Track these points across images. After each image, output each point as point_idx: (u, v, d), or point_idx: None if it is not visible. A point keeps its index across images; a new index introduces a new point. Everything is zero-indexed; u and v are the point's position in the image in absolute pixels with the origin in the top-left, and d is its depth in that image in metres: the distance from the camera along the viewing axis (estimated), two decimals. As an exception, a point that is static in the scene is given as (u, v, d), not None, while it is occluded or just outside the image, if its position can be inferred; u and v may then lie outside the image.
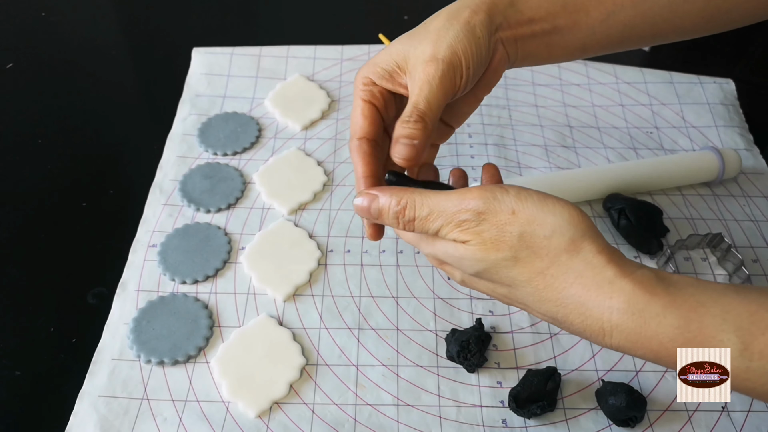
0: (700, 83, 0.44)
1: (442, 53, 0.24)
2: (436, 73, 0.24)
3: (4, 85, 0.44)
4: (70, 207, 0.37)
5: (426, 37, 0.25)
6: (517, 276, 0.21)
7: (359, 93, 0.26)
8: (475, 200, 0.22)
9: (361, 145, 0.26)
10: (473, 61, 0.25)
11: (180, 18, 0.51)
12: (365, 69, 0.26)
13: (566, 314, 0.21)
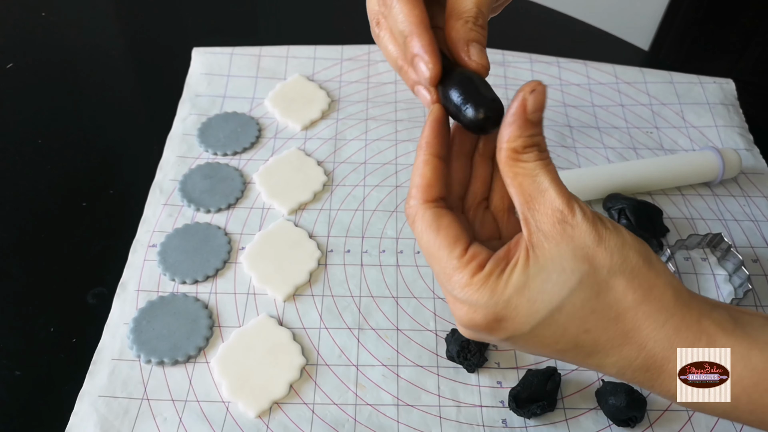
0: (700, 83, 0.44)
1: None
2: None
3: (4, 85, 0.44)
4: (69, 207, 0.37)
5: None
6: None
7: None
8: None
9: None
10: None
11: (180, 18, 0.51)
12: None
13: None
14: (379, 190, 0.37)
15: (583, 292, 0.16)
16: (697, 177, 0.38)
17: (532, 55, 0.46)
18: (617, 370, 0.17)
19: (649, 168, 0.37)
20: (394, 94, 0.43)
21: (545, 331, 0.17)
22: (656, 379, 0.17)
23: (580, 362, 0.18)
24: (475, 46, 0.20)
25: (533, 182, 0.17)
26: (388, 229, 0.35)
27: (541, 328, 0.17)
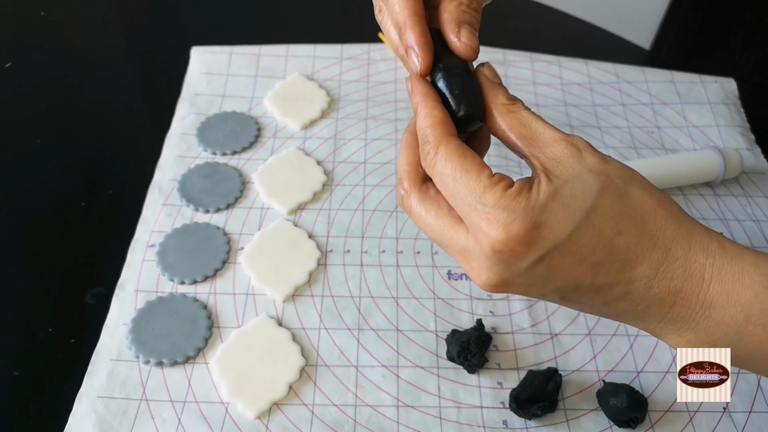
0: (701, 82, 0.44)
1: None
2: None
3: (3, 84, 0.44)
4: (68, 207, 0.36)
5: None
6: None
7: None
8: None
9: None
10: None
11: (179, 17, 0.51)
12: None
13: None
14: (379, 189, 0.37)
15: (608, 196, 0.17)
16: (698, 177, 0.37)
17: (533, 54, 0.45)
18: (645, 284, 0.17)
19: (651, 167, 0.37)
20: (393, 93, 0.43)
21: (583, 236, 0.17)
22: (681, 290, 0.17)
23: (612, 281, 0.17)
24: (465, 28, 0.20)
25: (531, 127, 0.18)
26: (388, 229, 0.35)
27: (579, 232, 0.17)
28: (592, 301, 0.18)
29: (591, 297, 0.18)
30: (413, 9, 0.20)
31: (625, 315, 0.19)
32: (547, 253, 0.17)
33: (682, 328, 0.18)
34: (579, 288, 0.18)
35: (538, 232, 0.17)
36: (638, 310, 0.18)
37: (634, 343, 0.31)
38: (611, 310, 0.19)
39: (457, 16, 0.20)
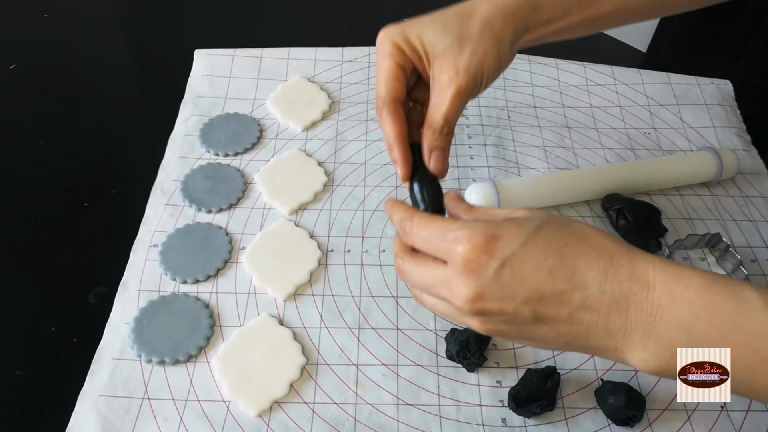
0: (697, 84, 0.45)
1: (473, 67, 0.26)
2: (465, 87, 0.26)
3: (7, 85, 0.44)
4: (71, 207, 0.37)
5: (458, 41, 0.26)
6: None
7: (391, 56, 0.27)
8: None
9: (396, 107, 0.27)
10: (495, 74, 0.28)
11: (182, 20, 0.51)
12: (395, 33, 0.27)
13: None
14: (380, 190, 0.38)
15: (553, 221, 0.22)
16: (695, 177, 0.38)
17: (530, 56, 0.46)
18: (599, 287, 0.20)
19: (647, 169, 0.37)
20: (394, 96, 0.43)
21: (534, 246, 0.21)
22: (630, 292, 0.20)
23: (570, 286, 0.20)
24: (435, 153, 0.26)
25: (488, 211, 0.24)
26: (388, 229, 0.36)
27: (530, 242, 0.21)
28: (559, 314, 0.20)
29: (557, 308, 0.20)
30: (398, 132, 0.26)
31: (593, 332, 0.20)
32: (506, 260, 0.20)
33: (643, 337, 0.20)
34: (543, 297, 0.20)
35: (496, 242, 0.21)
36: (601, 321, 0.20)
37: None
38: (579, 329, 0.20)
39: (431, 143, 0.26)
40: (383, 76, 0.27)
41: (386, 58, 0.27)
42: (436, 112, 0.27)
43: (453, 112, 0.26)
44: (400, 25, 0.27)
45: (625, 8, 0.29)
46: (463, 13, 0.27)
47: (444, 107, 0.26)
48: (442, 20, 0.27)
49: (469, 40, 0.26)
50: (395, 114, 0.27)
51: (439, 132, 0.26)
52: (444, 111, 0.26)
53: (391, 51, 0.27)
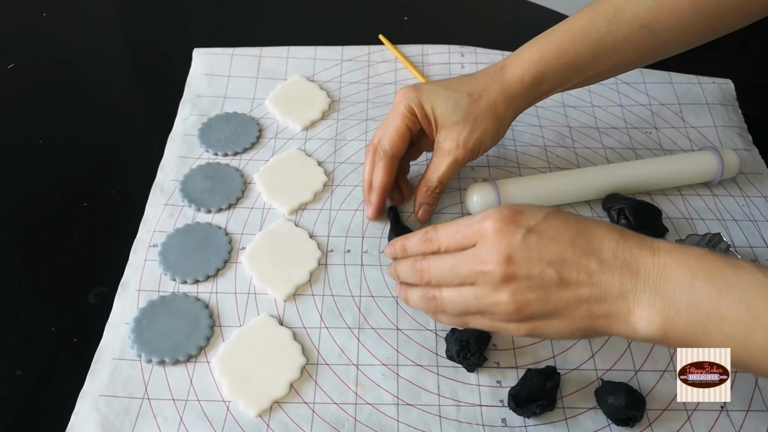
0: (699, 83, 0.45)
1: (472, 143, 0.32)
2: (461, 160, 0.32)
3: (5, 85, 0.44)
4: (70, 207, 0.37)
5: (465, 119, 0.31)
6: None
7: (404, 118, 0.32)
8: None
9: (393, 163, 0.33)
10: (491, 146, 0.33)
11: (181, 18, 0.51)
12: (413, 99, 0.32)
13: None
14: (379, 190, 0.38)
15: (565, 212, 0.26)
16: (696, 177, 0.38)
17: (531, 55, 0.46)
18: (612, 253, 0.23)
19: (648, 168, 0.37)
20: (394, 95, 0.43)
21: (555, 220, 0.24)
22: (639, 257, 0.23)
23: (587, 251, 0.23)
24: (424, 208, 0.34)
25: None
26: (388, 229, 0.36)
27: (550, 218, 0.24)
28: (580, 277, 0.23)
29: (578, 272, 0.23)
30: (384, 184, 0.33)
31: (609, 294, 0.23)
32: (531, 228, 0.24)
33: (651, 296, 0.22)
34: (566, 261, 0.23)
35: (521, 215, 0.24)
36: (615, 282, 0.23)
37: (632, 342, 0.31)
38: (597, 291, 0.23)
39: (422, 199, 0.34)
40: (392, 133, 0.32)
41: (399, 118, 0.32)
42: (433, 174, 0.33)
43: (447, 176, 0.32)
44: (417, 92, 0.32)
45: (621, 64, 0.33)
46: (473, 93, 0.31)
47: (440, 171, 0.32)
48: (455, 98, 0.31)
49: (474, 119, 0.31)
50: (389, 168, 0.33)
51: (431, 191, 0.33)
52: (439, 174, 0.32)
53: (405, 113, 0.32)
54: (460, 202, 0.37)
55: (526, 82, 0.31)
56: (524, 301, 0.23)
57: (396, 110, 0.32)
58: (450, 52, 0.46)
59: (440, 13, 0.52)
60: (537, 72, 0.31)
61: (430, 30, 0.50)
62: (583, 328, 0.24)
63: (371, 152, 0.33)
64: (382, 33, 0.47)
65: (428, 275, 0.26)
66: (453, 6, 0.52)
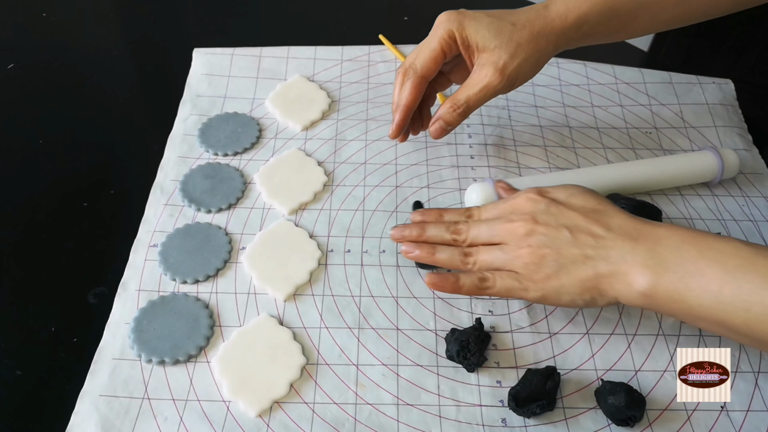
0: (699, 83, 0.44)
1: (510, 70, 0.31)
2: (497, 85, 0.31)
3: (5, 85, 0.44)
4: (70, 207, 0.37)
5: (507, 44, 0.31)
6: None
7: (441, 40, 0.32)
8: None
9: (421, 83, 0.32)
10: (528, 79, 0.33)
11: (181, 18, 0.51)
12: (454, 22, 0.32)
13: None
14: (379, 190, 0.38)
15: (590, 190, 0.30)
16: (696, 177, 0.38)
17: (531, 55, 0.46)
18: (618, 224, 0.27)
19: (648, 168, 0.37)
20: (394, 95, 0.43)
21: (576, 197, 0.29)
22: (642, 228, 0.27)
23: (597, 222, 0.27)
24: (440, 123, 0.33)
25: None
26: (388, 229, 0.36)
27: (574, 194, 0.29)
28: (588, 241, 0.27)
29: (586, 236, 0.27)
30: (410, 103, 0.33)
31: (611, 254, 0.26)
32: (554, 200, 0.29)
33: (646, 257, 0.26)
34: (578, 225, 0.27)
35: (548, 192, 0.30)
36: (617, 245, 0.26)
37: (632, 342, 0.31)
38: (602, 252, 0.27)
39: (442, 113, 0.33)
40: (426, 54, 0.32)
41: (437, 40, 0.32)
42: (463, 93, 0.32)
43: (476, 99, 0.32)
44: (460, 15, 0.32)
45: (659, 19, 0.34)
46: (517, 23, 0.32)
47: (471, 92, 0.32)
48: (498, 24, 0.31)
49: (516, 46, 0.31)
50: (417, 87, 0.32)
51: (456, 109, 0.32)
52: (469, 94, 0.32)
53: (443, 36, 0.31)
54: (460, 202, 0.37)
55: (569, 20, 0.32)
56: (541, 253, 0.27)
57: (434, 32, 0.32)
58: (450, 52, 0.46)
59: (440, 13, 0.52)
60: (581, 12, 0.32)
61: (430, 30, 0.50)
62: (588, 288, 0.27)
63: (401, 73, 0.33)
64: (382, 33, 0.47)
65: (465, 234, 0.30)
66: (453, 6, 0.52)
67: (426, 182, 0.38)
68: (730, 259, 0.24)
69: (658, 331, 0.31)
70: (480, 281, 0.28)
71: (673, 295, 0.25)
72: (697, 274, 0.24)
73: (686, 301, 0.25)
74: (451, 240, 0.30)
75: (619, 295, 0.26)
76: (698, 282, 0.24)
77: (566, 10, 0.32)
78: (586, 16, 0.32)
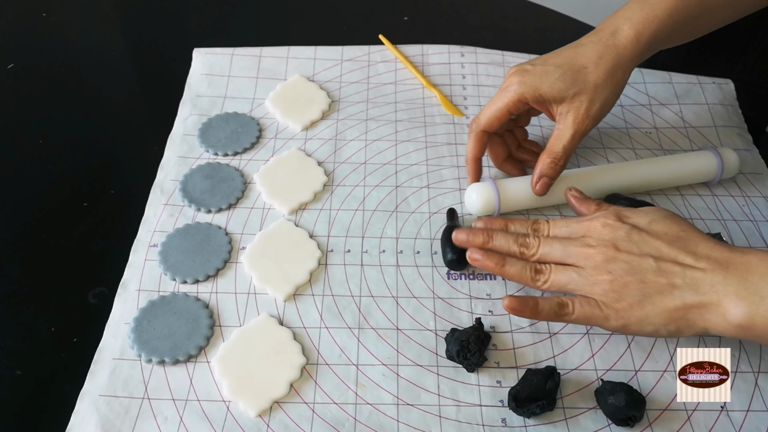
0: (699, 84, 0.45)
1: (594, 112, 0.32)
2: (586, 129, 0.32)
3: (5, 85, 0.44)
4: (71, 207, 0.37)
5: (585, 89, 0.31)
6: None
7: (509, 104, 0.33)
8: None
9: (482, 136, 0.34)
10: (609, 111, 0.33)
11: (181, 18, 0.51)
12: (526, 87, 0.32)
13: None
14: (379, 190, 0.38)
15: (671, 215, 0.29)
16: (695, 177, 0.38)
17: (531, 55, 0.46)
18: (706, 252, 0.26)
19: (648, 168, 0.37)
20: (394, 95, 0.43)
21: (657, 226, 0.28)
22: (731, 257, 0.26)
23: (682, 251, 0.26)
24: (544, 181, 0.33)
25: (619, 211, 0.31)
26: (388, 229, 0.36)
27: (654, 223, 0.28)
28: (674, 269, 0.26)
29: (672, 265, 0.26)
30: (474, 155, 0.35)
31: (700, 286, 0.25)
32: (635, 226, 0.27)
33: (738, 288, 0.25)
34: (664, 254, 0.26)
35: (628, 217, 0.28)
36: (707, 276, 0.25)
37: (632, 342, 0.31)
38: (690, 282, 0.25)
39: (543, 170, 0.33)
40: (491, 113, 0.33)
41: (504, 102, 0.33)
42: (558, 144, 0.32)
43: (571, 147, 0.32)
44: (530, 77, 0.32)
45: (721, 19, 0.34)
46: (589, 64, 0.31)
47: (565, 140, 0.32)
48: (572, 73, 0.31)
49: (594, 89, 0.31)
50: (478, 141, 0.34)
51: (555, 162, 0.32)
52: (565, 143, 0.32)
53: (513, 99, 0.32)
54: (460, 202, 0.37)
55: (642, 42, 0.31)
56: (623, 281, 0.26)
57: (504, 94, 0.33)
58: (450, 52, 0.46)
59: (440, 13, 0.52)
60: (652, 32, 0.31)
61: (430, 30, 0.50)
62: (675, 319, 0.25)
63: (470, 125, 0.35)
64: (382, 33, 0.47)
65: (535, 249, 0.29)
66: (453, 6, 0.52)
67: (426, 182, 0.38)
68: None
69: (658, 331, 0.31)
70: (559, 307, 0.27)
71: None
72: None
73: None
74: (518, 252, 0.29)
75: (710, 326, 0.25)
76: None
77: (637, 34, 0.31)
78: (656, 35, 0.31)
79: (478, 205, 0.35)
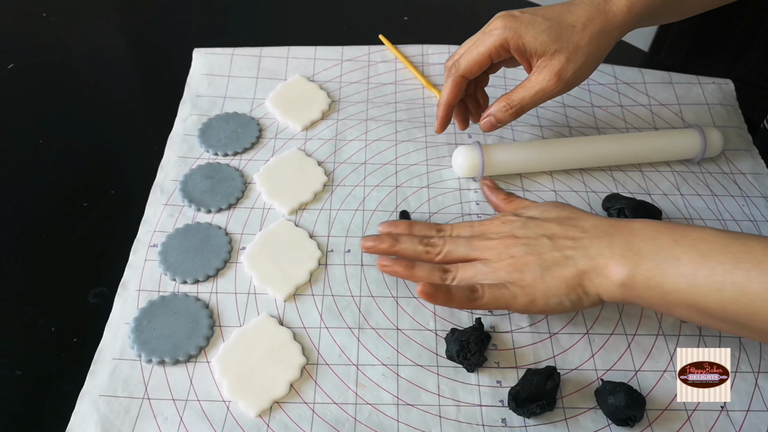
0: (699, 84, 0.45)
1: (568, 74, 0.31)
2: (553, 90, 0.31)
3: (5, 85, 0.44)
4: (70, 207, 0.37)
5: (567, 46, 0.31)
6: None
7: (492, 47, 0.31)
8: None
9: (460, 82, 0.33)
10: (583, 80, 0.32)
11: (181, 18, 0.51)
12: (509, 30, 0.31)
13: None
14: (379, 190, 0.38)
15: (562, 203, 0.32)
16: (680, 152, 0.38)
17: (531, 55, 0.46)
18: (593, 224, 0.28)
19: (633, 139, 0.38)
20: (394, 95, 0.43)
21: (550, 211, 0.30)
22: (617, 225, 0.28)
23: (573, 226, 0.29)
24: (490, 119, 0.33)
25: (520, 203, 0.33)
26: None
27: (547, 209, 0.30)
28: (566, 244, 0.28)
29: (564, 241, 0.28)
30: (448, 100, 0.34)
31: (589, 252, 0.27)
32: (530, 217, 0.30)
33: (623, 249, 0.27)
34: (555, 233, 0.28)
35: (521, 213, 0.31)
36: (594, 243, 0.27)
37: (632, 342, 0.31)
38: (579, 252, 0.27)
39: (494, 111, 0.33)
40: (472, 56, 0.32)
41: (486, 46, 0.31)
42: (518, 94, 0.32)
43: (531, 102, 0.32)
44: (516, 22, 0.31)
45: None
46: (577, 24, 0.31)
47: (527, 94, 0.31)
48: (557, 28, 0.31)
49: (576, 49, 0.30)
50: (456, 86, 0.33)
51: (508, 108, 0.32)
52: (524, 96, 0.32)
53: (495, 43, 0.31)
54: (460, 202, 0.37)
55: (633, 13, 0.31)
56: (524, 261, 0.28)
57: (487, 36, 0.31)
58: (450, 52, 0.46)
59: (440, 13, 0.52)
60: (643, 4, 0.31)
61: (430, 30, 0.50)
62: (573, 287, 0.27)
63: (447, 67, 0.34)
64: (382, 33, 0.47)
65: (440, 248, 0.30)
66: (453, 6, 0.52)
67: (426, 182, 0.38)
68: (703, 244, 0.25)
69: (658, 331, 0.31)
70: (470, 292, 0.28)
71: (650, 282, 0.25)
72: (672, 260, 0.25)
73: (662, 287, 0.25)
74: (423, 252, 0.30)
75: (600, 290, 0.27)
76: (673, 267, 0.25)
77: (630, 2, 0.30)
78: (648, 6, 0.31)
79: (462, 168, 0.36)
